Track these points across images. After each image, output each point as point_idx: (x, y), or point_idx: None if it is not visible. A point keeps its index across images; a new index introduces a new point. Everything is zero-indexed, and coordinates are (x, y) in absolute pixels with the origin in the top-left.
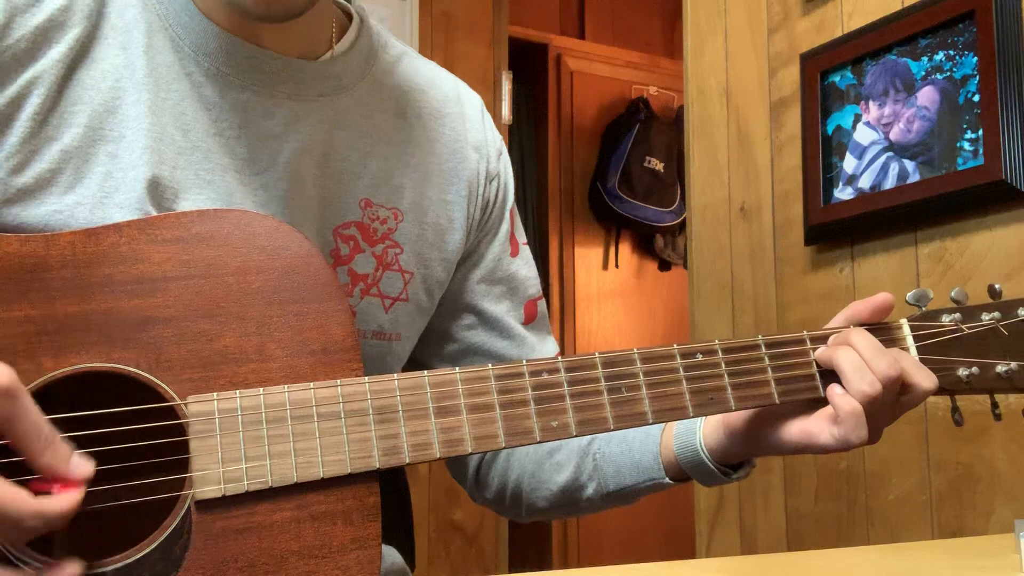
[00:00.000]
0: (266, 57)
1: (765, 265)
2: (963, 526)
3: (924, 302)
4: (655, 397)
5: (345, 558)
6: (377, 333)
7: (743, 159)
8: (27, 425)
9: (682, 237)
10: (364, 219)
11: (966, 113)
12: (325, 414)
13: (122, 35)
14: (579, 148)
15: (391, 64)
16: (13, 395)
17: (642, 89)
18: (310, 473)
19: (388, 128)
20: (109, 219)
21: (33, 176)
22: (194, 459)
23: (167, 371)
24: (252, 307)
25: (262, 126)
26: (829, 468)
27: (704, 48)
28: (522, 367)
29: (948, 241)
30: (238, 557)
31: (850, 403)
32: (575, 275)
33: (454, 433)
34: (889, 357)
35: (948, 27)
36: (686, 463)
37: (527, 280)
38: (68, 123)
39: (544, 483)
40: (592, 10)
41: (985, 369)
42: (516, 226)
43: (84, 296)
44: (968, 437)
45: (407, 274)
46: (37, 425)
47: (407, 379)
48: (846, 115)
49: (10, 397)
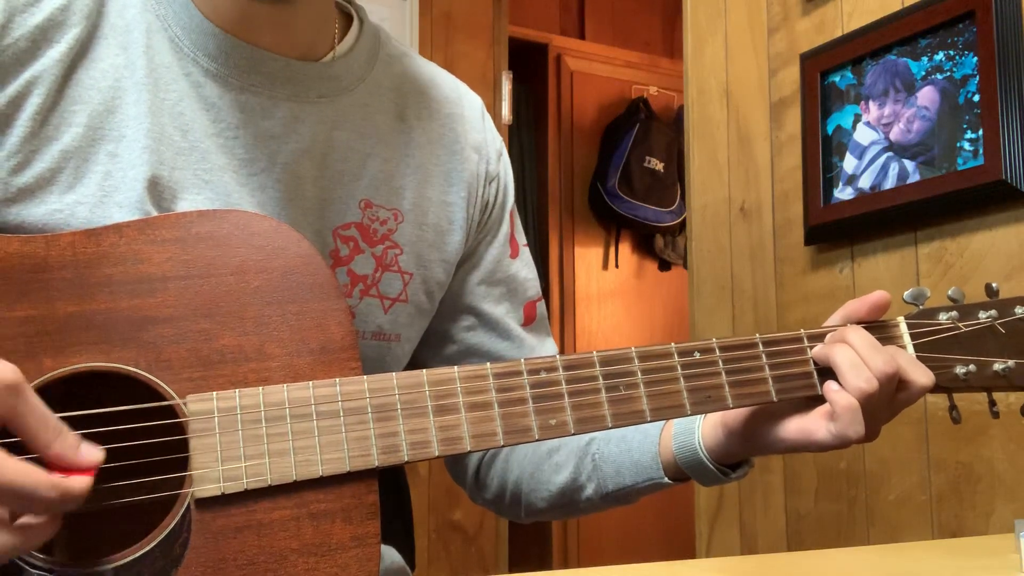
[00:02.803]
0: (265, 58)
1: (765, 265)
2: (963, 526)
3: (921, 300)
4: (653, 395)
5: (344, 556)
6: (376, 334)
7: (743, 159)
8: (34, 418)
9: (682, 237)
10: (364, 220)
11: (966, 113)
12: (324, 413)
13: (122, 35)
14: (579, 148)
15: (391, 65)
16: (18, 390)
17: (642, 89)
18: (309, 471)
19: (388, 129)
20: (109, 218)
21: (33, 176)
22: (193, 458)
23: (167, 370)
24: (251, 307)
25: (261, 127)
26: (829, 468)
27: (704, 48)
28: (520, 366)
29: (948, 241)
30: (238, 555)
31: (847, 399)
32: (575, 275)
33: (453, 431)
34: (886, 354)
35: (948, 27)
36: (685, 463)
37: (527, 282)
38: (68, 123)
39: (543, 484)
40: (592, 10)
41: (982, 367)
42: (516, 227)
43: (84, 296)
44: (968, 437)
45: (406, 275)
46: (44, 417)
47: (406, 378)
48: (846, 115)
49: (15, 392)
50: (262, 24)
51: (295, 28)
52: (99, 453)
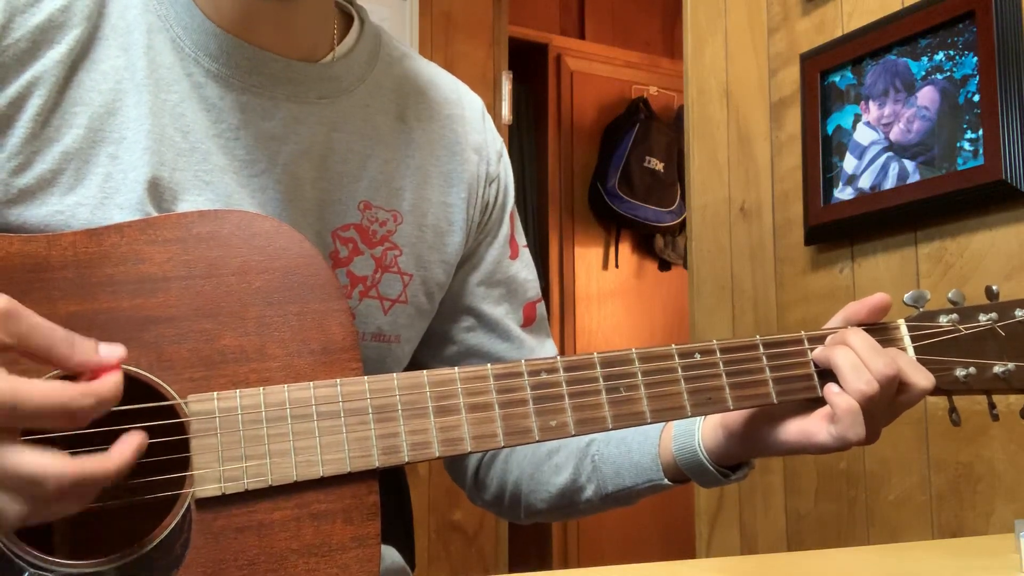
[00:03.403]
0: (266, 59)
1: (765, 265)
2: (963, 526)
3: (921, 303)
4: (653, 397)
5: (345, 556)
6: (376, 335)
7: (743, 159)
8: (42, 336)
9: (682, 237)
10: (363, 221)
11: (966, 113)
12: (325, 413)
13: (123, 36)
14: (579, 148)
15: (392, 66)
16: (17, 315)
17: (642, 89)
18: (310, 472)
19: (388, 130)
20: (110, 220)
21: (34, 177)
22: (194, 458)
23: (168, 370)
24: (252, 307)
25: (261, 128)
26: (829, 468)
27: (704, 48)
28: (521, 367)
29: (948, 241)
30: (238, 555)
31: (847, 401)
32: (575, 275)
33: (453, 432)
34: (886, 356)
35: (948, 27)
36: (685, 464)
37: (526, 282)
38: (69, 124)
39: (543, 485)
40: (592, 10)
41: (982, 369)
42: (516, 228)
43: (86, 296)
44: (968, 437)
45: (406, 276)
46: (51, 331)
47: (406, 378)
48: (846, 115)
49: (15, 318)
50: (264, 24)
51: (297, 28)
52: (119, 349)
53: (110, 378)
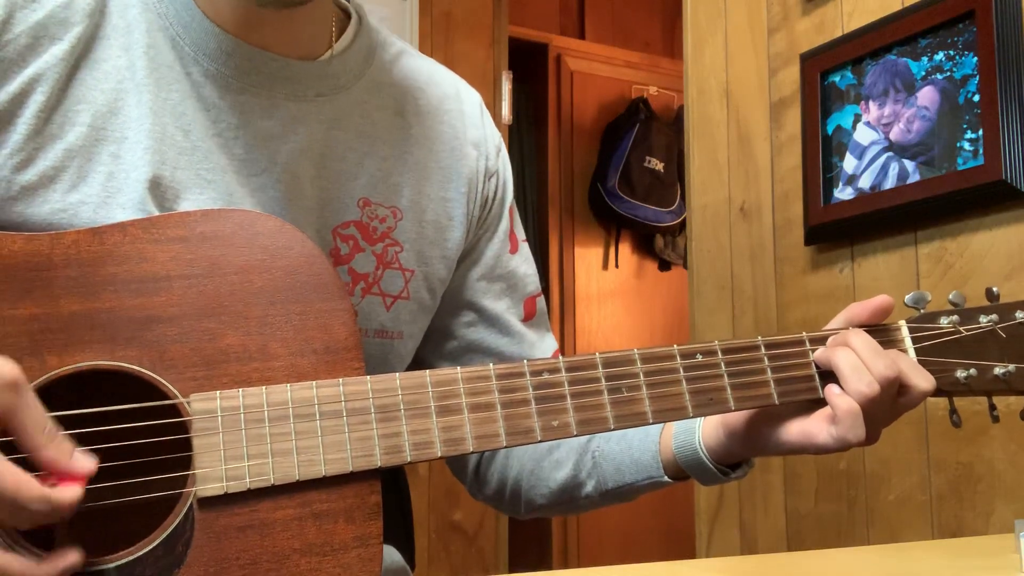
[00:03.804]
0: (265, 58)
1: (765, 265)
2: (963, 526)
3: (922, 304)
4: (655, 397)
5: (347, 556)
6: (379, 332)
7: (743, 159)
8: (30, 419)
9: (682, 237)
10: (363, 218)
11: (966, 113)
12: (327, 413)
13: (124, 35)
14: (579, 148)
15: (389, 62)
16: (17, 389)
17: (642, 89)
18: (312, 471)
19: (387, 127)
20: (112, 219)
21: (37, 174)
22: (197, 457)
23: (170, 369)
24: (255, 306)
25: (260, 127)
26: (829, 468)
27: (704, 48)
28: (523, 367)
29: (948, 241)
30: (240, 555)
31: (848, 403)
32: (575, 275)
33: (455, 432)
34: (887, 358)
35: (948, 27)
36: (685, 462)
37: (526, 277)
38: (71, 122)
39: (543, 480)
40: (592, 10)
41: (983, 371)
42: (515, 223)
43: (88, 295)
44: (968, 437)
45: (408, 272)
46: (40, 419)
47: (409, 378)
48: (846, 115)
49: (14, 390)
50: (264, 25)
51: (296, 29)
52: (92, 463)
53: (70, 491)
